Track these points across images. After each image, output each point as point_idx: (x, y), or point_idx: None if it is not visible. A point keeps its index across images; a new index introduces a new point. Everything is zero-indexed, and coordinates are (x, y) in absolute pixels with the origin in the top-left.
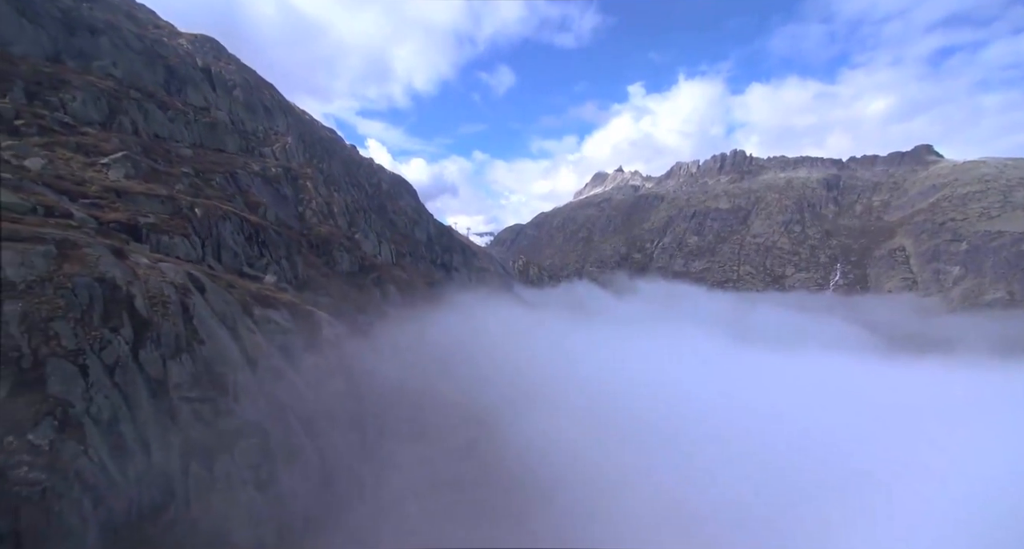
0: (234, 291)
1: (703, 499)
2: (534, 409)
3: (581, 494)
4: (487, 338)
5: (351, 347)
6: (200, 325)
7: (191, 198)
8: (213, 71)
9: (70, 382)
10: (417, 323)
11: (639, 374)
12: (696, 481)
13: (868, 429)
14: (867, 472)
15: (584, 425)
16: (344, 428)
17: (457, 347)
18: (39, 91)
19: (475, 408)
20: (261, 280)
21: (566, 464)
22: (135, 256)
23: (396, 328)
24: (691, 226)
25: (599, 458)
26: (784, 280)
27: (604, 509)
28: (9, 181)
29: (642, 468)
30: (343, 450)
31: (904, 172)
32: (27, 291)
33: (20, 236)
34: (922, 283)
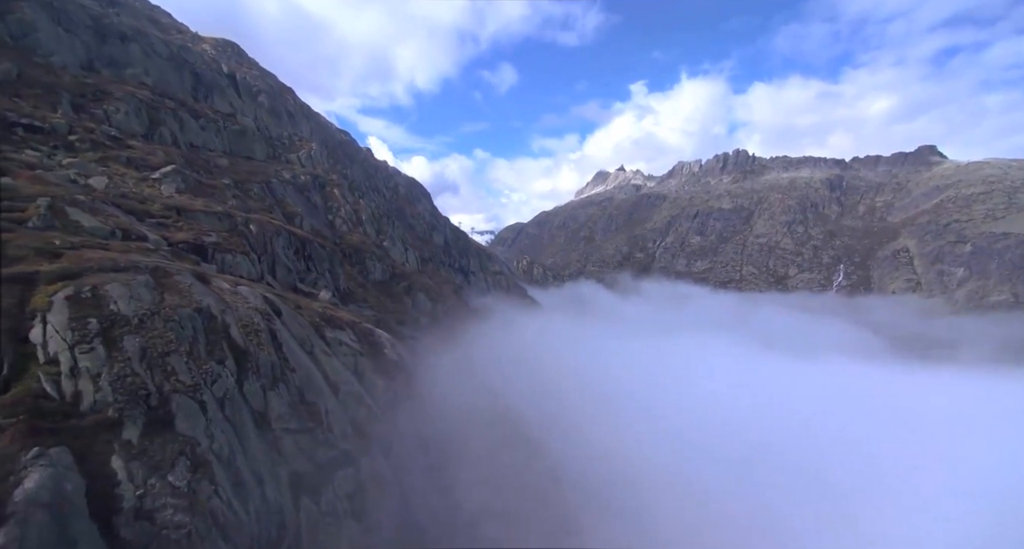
0: (303, 312)
1: (750, 504)
2: (587, 422)
3: (640, 505)
4: (527, 350)
5: (412, 366)
6: (289, 353)
7: (244, 213)
8: (238, 77)
9: (193, 419)
10: (460, 335)
11: (680, 385)
12: (743, 488)
13: (895, 436)
14: (895, 476)
15: (637, 438)
16: (415, 451)
17: (504, 362)
18: (84, 104)
19: (531, 422)
20: (316, 296)
21: (625, 477)
22: (216, 280)
23: (442, 342)
24: (693, 226)
25: (657, 471)
26: (787, 281)
27: (663, 520)
28: (84, 203)
29: (694, 476)
30: (416, 473)
31: (907, 173)
32: (141, 326)
33: (119, 266)
34: (926, 284)
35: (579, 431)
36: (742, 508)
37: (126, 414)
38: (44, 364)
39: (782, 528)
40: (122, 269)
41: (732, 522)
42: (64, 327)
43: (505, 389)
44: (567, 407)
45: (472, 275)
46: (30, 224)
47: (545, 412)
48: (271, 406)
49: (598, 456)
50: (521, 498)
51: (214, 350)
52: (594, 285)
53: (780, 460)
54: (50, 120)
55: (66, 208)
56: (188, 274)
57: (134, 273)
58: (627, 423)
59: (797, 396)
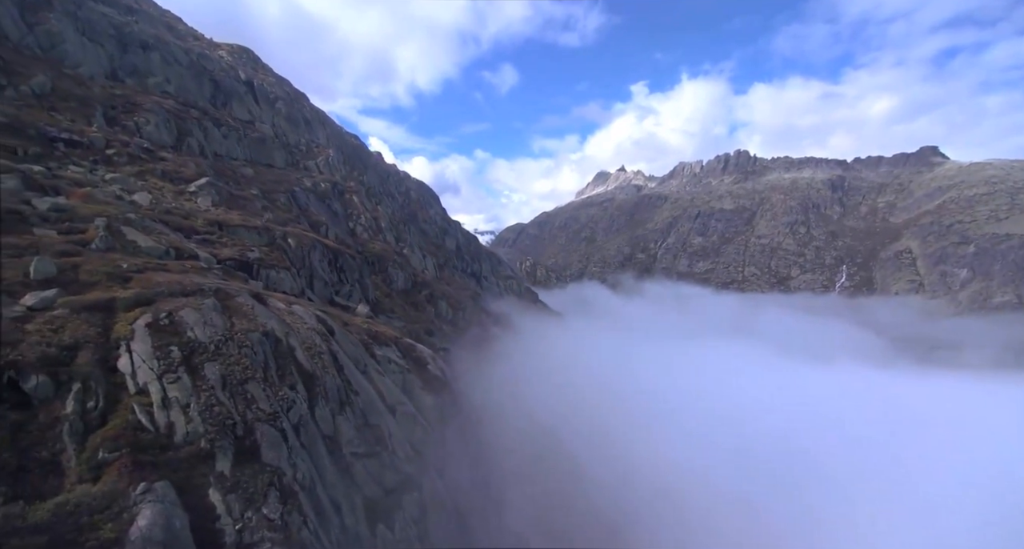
0: (351, 329)
1: (792, 514)
2: (624, 433)
3: (684, 517)
4: (555, 360)
5: (453, 382)
6: (350, 375)
7: (280, 227)
8: (255, 84)
9: (277, 448)
10: (488, 346)
11: (713, 393)
12: (784, 497)
13: (919, 441)
14: (924, 482)
15: (675, 448)
16: (466, 469)
17: (536, 374)
18: (116, 116)
19: (568, 435)
20: (353, 310)
21: (667, 489)
22: (271, 300)
23: (473, 354)
24: (695, 227)
25: (699, 482)
26: (789, 281)
27: (708, 532)
28: (136, 222)
29: (736, 486)
30: (468, 491)
31: (909, 173)
32: (218, 352)
33: (186, 289)
34: (929, 285)
35: (617, 443)
36: (784, 517)
37: (217, 445)
38: (135, 394)
39: (825, 537)
40: (189, 293)
41: (775, 531)
42: (149, 356)
43: (540, 402)
44: (602, 420)
45: (484, 280)
46: (93, 246)
47: (580, 425)
48: (340, 431)
49: (638, 468)
50: (568, 514)
51: (285, 375)
52: (597, 286)
53: (818, 468)
54: (88, 134)
55: (121, 228)
56: (247, 295)
57: (201, 296)
58: (664, 433)
59: (824, 402)
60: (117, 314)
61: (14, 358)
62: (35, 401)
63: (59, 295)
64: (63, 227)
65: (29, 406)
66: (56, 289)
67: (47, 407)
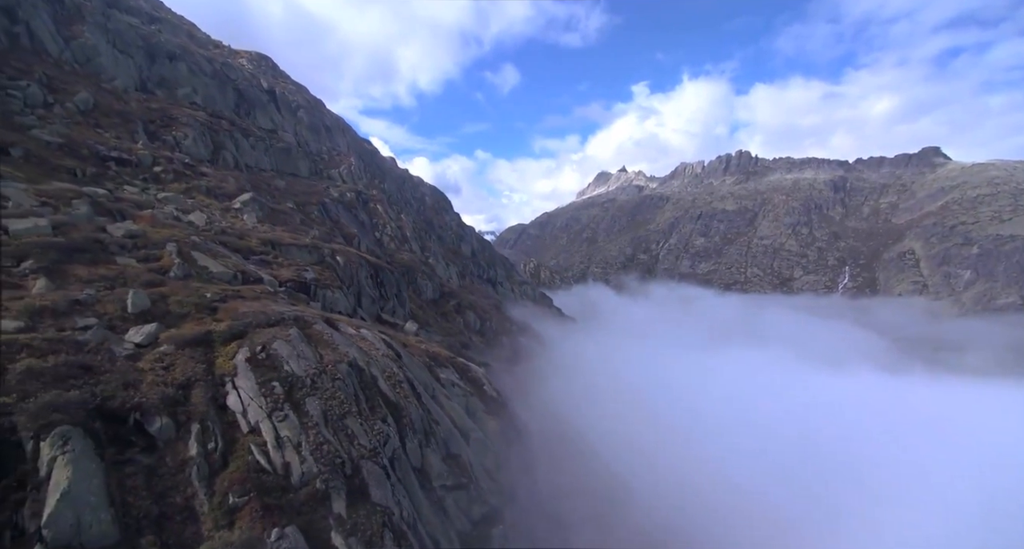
0: (412, 351)
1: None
2: (669, 451)
3: (727, 534)
4: (592, 375)
5: (508, 402)
6: (427, 403)
7: (326, 244)
8: (277, 92)
9: (382, 486)
10: (522, 359)
11: (754, 406)
12: (818, 506)
13: (946, 449)
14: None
15: (725, 462)
16: (532, 494)
17: (575, 389)
18: (156, 130)
19: (614, 455)
20: (401, 327)
21: (720, 504)
22: (341, 325)
23: (511, 368)
24: (697, 227)
25: (753, 499)
26: (792, 282)
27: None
28: (200, 245)
29: (773, 495)
30: (537, 518)
31: (911, 174)
32: (315, 386)
33: (270, 319)
34: (932, 287)
35: (660, 461)
36: (836, 534)
37: (331, 485)
38: (249, 433)
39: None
40: (274, 322)
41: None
42: (256, 393)
43: (582, 420)
44: (642, 436)
45: (500, 286)
46: (172, 274)
47: (622, 443)
48: (429, 463)
49: (684, 486)
50: (623, 537)
51: (374, 407)
52: (603, 288)
53: (862, 482)
54: (136, 152)
55: (191, 252)
56: (321, 322)
57: (285, 326)
58: (707, 448)
59: (853, 412)
60: (216, 348)
61: (139, 400)
62: (160, 443)
63: (159, 329)
64: (140, 254)
65: (154, 448)
66: (156, 324)
67: (172, 449)
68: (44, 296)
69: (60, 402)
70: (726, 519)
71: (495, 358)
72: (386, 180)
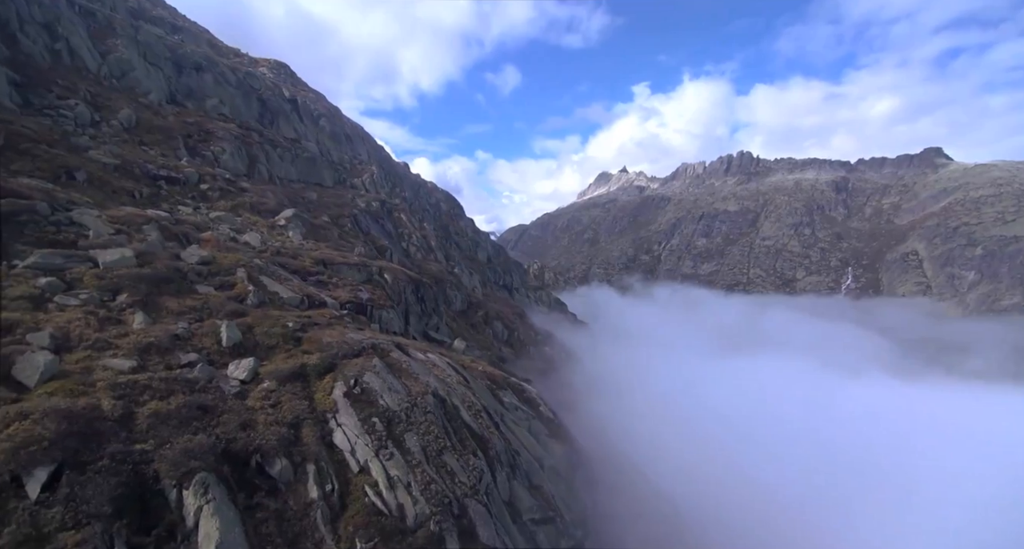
0: (473, 373)
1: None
2: (715, 462)
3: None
4: (625, 389)
5: (567, 424)
6: (505, 431)
7: (371, 261)
8: (299, 101)
9: (487, 525)
10: (557, 373)
11: (789, 416)
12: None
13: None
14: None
15: (772, 474)
16: (599, 522)
17: (613, 405)
18: (195, 145)
19: (658, 468)
20: (449, 345)
21: (770, 517)
22: (411, 351)
23: (546, 381)
24: (699, 228)
25: (803, 511)
26: (795, 283)
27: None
28: (264, 269)
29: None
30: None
31: (913, 175)
32: (409, 421)
33: (353, 349)
34: (936, 288)
35: (707, 477)
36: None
37: (443, 527)
38: (359, 473)
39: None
40: (357, 352)
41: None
42: (360, 430)
43: (624, 437)
44: (684, 451)
45: (516, 292)
46: (249, 301)
47: (666, 459)
48: (517, 496)
49: (733, 500)
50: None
51: (464, 440)
52: (606, 290)
53: (908, 493)
54: (182, 170)
55: (259, 277)
56: (394, 348)
57: (367, 356)
58: (751, 459)
59: (888, 421)
60: (312, 381)
61: (259, 442)
62: (281, 485)
63: (257, 364)
64: (216, 282)
65: (277, 491)
66: (253, 358)
67: (293, 492)
68: (146, 331)
69: (195, 448)
70: (771, 539)
71: (527, 370)
72: (405, 187)
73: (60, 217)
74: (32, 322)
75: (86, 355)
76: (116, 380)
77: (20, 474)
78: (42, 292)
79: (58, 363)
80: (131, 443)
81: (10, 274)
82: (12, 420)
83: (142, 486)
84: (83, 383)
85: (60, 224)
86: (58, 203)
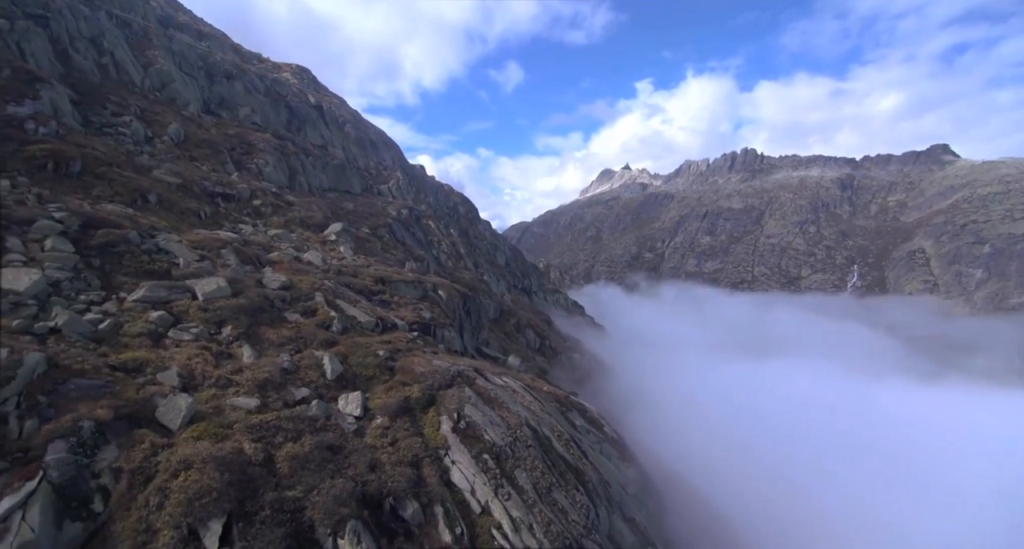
0: (541, 394)
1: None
2: (771, 479)
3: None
4: (663, 400)
5: (632, 446)
6: (593, 460)
7: (422, 276)
8: (324, 108)
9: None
10: (594, 385)
11: (844, 429)
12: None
13: None
14: None
15: (818, 484)
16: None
17: (657, 418)
18: (240, 159)
19: (711, 486)
20: (504, 362)
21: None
22: (490, 376)
23: (592, 398)
24: (703, 226)
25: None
26: (800, 281)
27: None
28: (335, 290)
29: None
30: None
31: (920, 172)
32: (515, 456)
33: (444, 379)
34: (943, 286)
35: (763, 497)
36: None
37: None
38: (482, 514)
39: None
40: (448, 382)
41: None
42: (475, 468)
43: (675, 455)
44: (737, 469)
45: (534, 295)
46: (334, 328)
47: (720, 476)
48: (617, 531)
49: (797, 522)
50: None
51: (563, 474)
52: (613, 289)
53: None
54: (235, 186)
55: (336, 301)
56: (478, 375)
57: (459, 386)
58: (788, 469)
59: (937, 427)
60: (418, 415)
61: (390, 484)
62: (413, 529)
63: (363, 398)
64: (300, 308)
65: (411, 535)
66: (359, 392)
67: (426, 536)
68: (257, 366)
69: (341, 494)
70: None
71: (567, 382)
72: (427, 192)
73: (149, 245)
74: (158, 360)
75: (212, 394)
76: (248, 421)
77: (197, 527)
78: (155, 327)
79: (194, 405)
80: (282, 490)
81: (123, 309)
82: (177, 469)
83: (301, 535)
84: (221, 425)
85: (151, 252)
86: (143, 230)
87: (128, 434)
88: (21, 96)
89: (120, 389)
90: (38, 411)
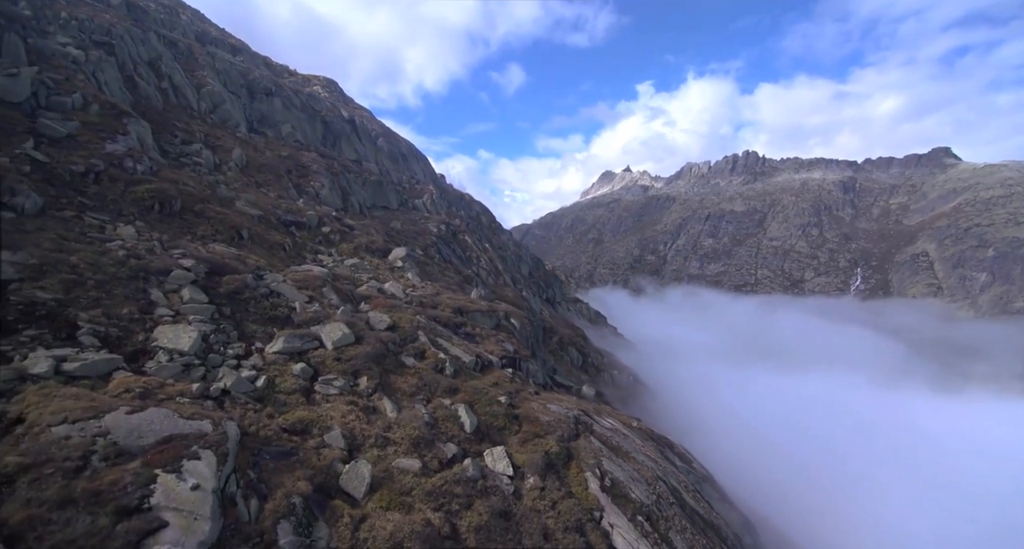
0: (635, 431)
1: None
2: (833, 502)
3: None
4: (709, 420)
5: (719, 480)
6: (717, 509)
7: (489, 302)
8: (357, 122)
9: None
10: (642, 405)
11: (891, 446)
12: None
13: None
14: None
15: (869, 495)
16: None
17: (713, 443)
18: (299, 182)
19: (772, 507)
20: (579, 391)
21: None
22: (596, 417)
23: (648, 421)
24: (705, 228)
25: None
26: (803, 284)
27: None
28: (431, 328)
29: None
30: None
31: (922, 174)
32: (664, 516)
33: (570, 429)
34: (947, 289)
35: (826, 518)
36: None
37: None
38: None
39: None
40: (575, 432)
41: None
42: (635, 534)
43: (742, 483)
44: (792, 489)
45: (558, 305)
46: (447, 372)
47: (779, 498)
48: None
49: (860, 539)
50: None
51: (704, 531)
52: (619, 293)
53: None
54: (304, 213)
55: (437, 340)
56: (592, 420)
57: (585, 437)
58: (843, 483)
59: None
60: (562, 473)
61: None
62: None
63: (506, 454)
64: (411, 350)
65: None
66: (502, 447)
67: None
68: (403, 422)
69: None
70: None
71: (615, 404)
72: (458, 205)
73: (263, 288)
74: (319, 420)
75: (377, 455)
76: (423, 487)
77: None
78: (302, 381)
79: (371, 471)
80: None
81: (268, 363)
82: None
83: None
84: (399, 492)
85: (267, 296)
86: (252, 271)
87: (325, 506)
88: (113, 132)
89: (304, 456)
90: (253, 488)
